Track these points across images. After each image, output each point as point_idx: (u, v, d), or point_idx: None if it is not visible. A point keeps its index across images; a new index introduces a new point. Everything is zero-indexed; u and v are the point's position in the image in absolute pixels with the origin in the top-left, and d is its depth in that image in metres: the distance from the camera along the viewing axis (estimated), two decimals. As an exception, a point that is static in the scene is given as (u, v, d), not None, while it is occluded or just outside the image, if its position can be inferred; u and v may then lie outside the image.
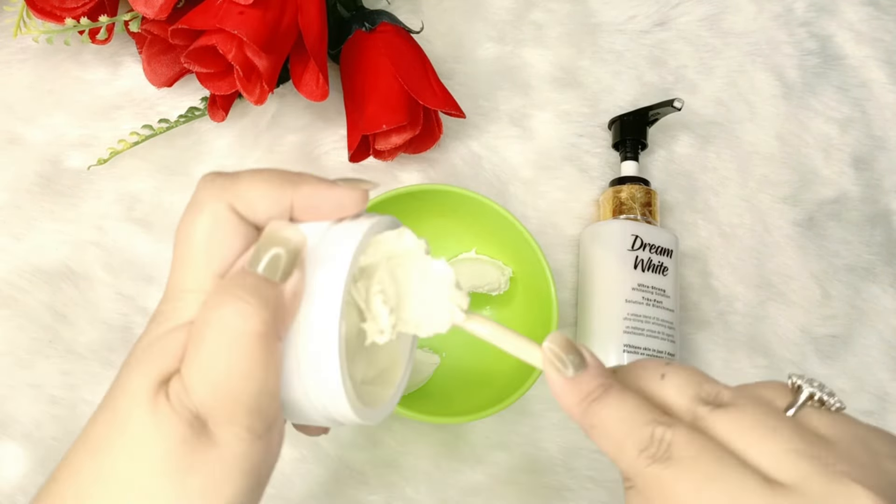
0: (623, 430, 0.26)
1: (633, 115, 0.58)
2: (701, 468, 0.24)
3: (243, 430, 0.25)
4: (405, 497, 0.50)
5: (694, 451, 0.24)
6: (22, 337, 0.49)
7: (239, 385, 0.25)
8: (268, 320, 0.25)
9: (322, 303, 0.26)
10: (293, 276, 0.26)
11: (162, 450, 0.24)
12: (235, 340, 0.25)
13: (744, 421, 0.25)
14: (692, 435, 0.25)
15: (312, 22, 0.48)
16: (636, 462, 0.25)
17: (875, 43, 0.68)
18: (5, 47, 0.55)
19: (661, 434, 0.25)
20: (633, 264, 0.53)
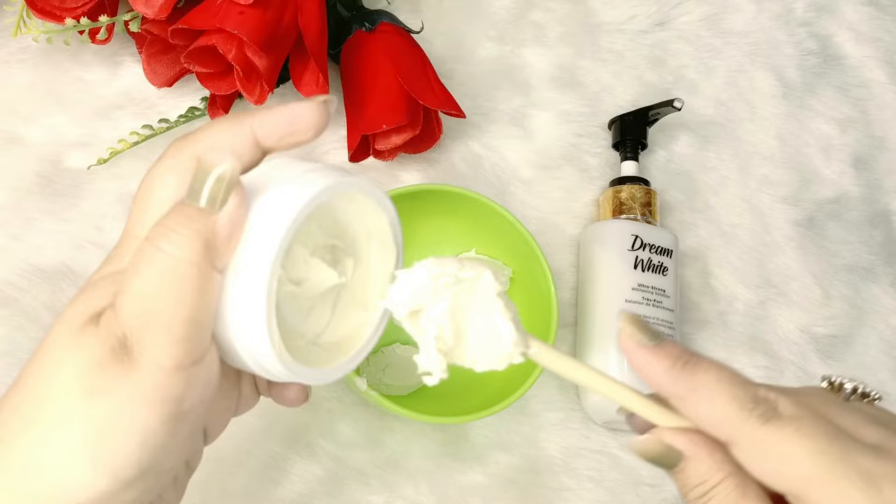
0: (727, 390, 0.26)
1: (633, 115, 0.58)
2: (810, 427, 0.25)
3: (166, 357, 0.25)
4: (405, 497, 0.50)
5: (801, 412, 0.25)
6: (22, 337, 0.49)
7: (167, 310, 0.25)
8: (199, 249, 0.25)
9: (258, 246, 0.26)
10: (228, 205, 0.25)
11: (76, 371, 0.24)
12: (167, 267, 0.25)
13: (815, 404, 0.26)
14: (795, 398, 0.26)
15: (312, 22, 0.48)
16: (745, 421, 0.25)
17: (875, 43, 0.68)
18: (5, 47, 0.55)
19: (765, 394, 0.26)
20: (633, 264, 0.53)
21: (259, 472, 0.49)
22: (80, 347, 0.25)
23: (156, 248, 0.25)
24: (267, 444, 0.49)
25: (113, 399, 0.24)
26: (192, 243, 0.25)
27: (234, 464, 0.49)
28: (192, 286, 0.25)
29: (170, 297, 0.25)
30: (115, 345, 0.25)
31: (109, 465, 0.24)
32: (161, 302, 0.25)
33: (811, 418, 0.25)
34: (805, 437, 0.25)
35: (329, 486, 0.50)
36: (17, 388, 0.26)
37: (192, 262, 0.25)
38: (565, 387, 0.54)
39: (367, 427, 0.51)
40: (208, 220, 0.25)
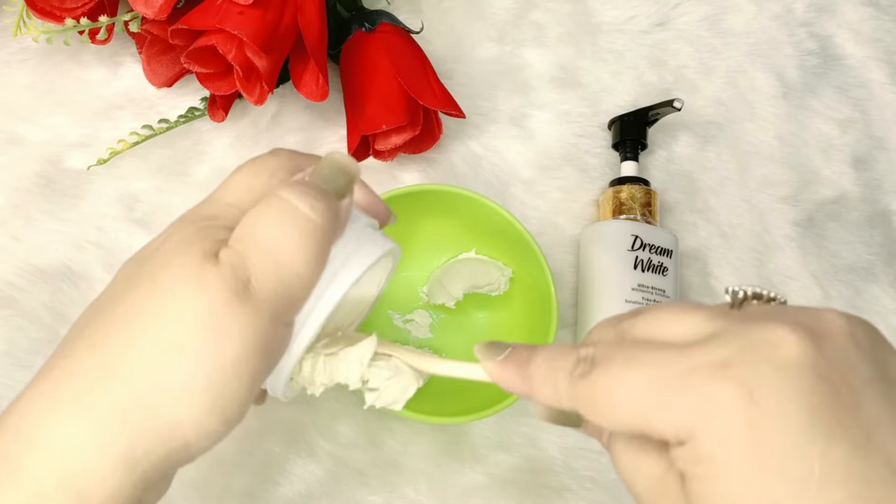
0: (551, 367, 0.26)
1: (633, 115, 0.58)
2: (618, 362, 0.24)
3: (283, 311, 0.26)
4: (405, 497, 0.50)
5: (611, 351, 0.25)
6: (22, 337, 0.49)
7: (293, 268, 0.26)
8: (331, 221, 0.27)
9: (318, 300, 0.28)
10: (347, 198, 0.28)
11: (205, 312, 0.25)
12: (306, 229, 0.26)
13: (662, 313, 0.25)
14: (611, 343, 0.25)
15: (312, 22, 0.48)
16: (569, 390, 0.25)
17: (875, 43, 0.68)
18: (5, 47, 0.55)
19: (585, 352, 0.25)
20: (632, 264, 0.53)
21: (259, 472, 0.49)
22: (207, 287, 0.25)
23: (294, 207, 0.26)
24: (267, 444, 0.49)
25: (238, 343, 0.25)
26: (328, 213, 0.26)
27: (233, 464, 0.49)
28: (318, 252, 0.26)
29: (299, 257, 0.26)
30: (238, 288, 0.25)
31: (225, 409, 0.25)
32: (291, 258, 0.26)
33: (622, 355, 0.24)
34: (612, 376, 0.24)
35: (329, 486, 0.50)
36: (125, 327, 0.25)
37: (323, 229, 0.26)
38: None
39: (366, 427, 0.51)
40: (337, 201, 0.28)
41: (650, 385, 0.23)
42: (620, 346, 0.25)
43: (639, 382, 0.23)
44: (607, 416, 0.24)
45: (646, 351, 0.24)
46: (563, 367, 0.25)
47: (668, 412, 0.22)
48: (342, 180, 0.28)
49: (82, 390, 0.24)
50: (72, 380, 0.25)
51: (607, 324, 0.28)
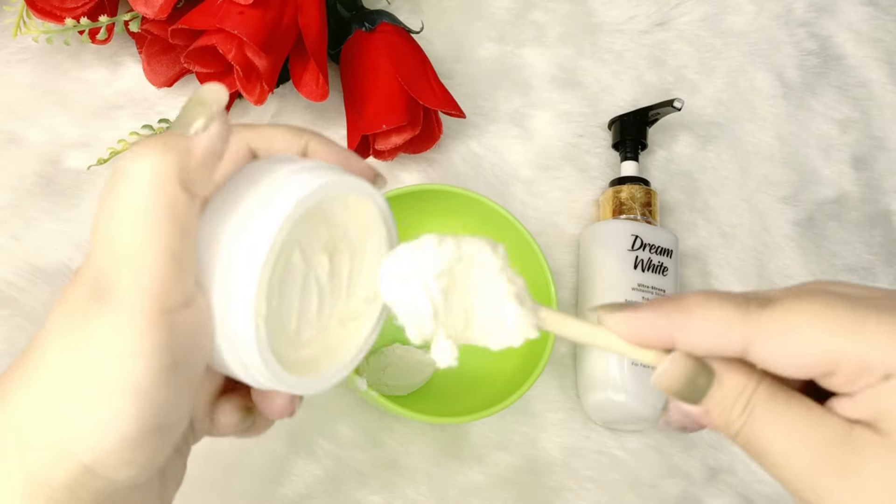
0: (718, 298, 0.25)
1: (633, 115, 0.58)
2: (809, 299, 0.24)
3: (146, 298, 0.22)
4: (405, 497, 0.50)
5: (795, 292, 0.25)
6: (22, 337, 0.49)
7: (137, 242, 0.22)
8: (170, 166, 0.22)
9: (247, 249, 0.24)
10: (209, 130, 0.23)
11: (60, 326, 0.23)
12: (134, 190, 0.22)
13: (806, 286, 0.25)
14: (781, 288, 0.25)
15: (312, 22, 0.48)
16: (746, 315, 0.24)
17: (875, 43, 0.68)
18: (5, 47, 0.55)
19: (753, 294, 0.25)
20: (633, 264, 0.53)
21: (259, 472, 0.49)
22: (62, 301, 0.23)
23: (121, 172, 0.22)
24: (267, 444, 0.49)
25: (99, 352, 0.22)
26: (161, 160, 0.22)
27: (233, 464, 0.49)
28: (164, 212, 0.22)
29: (139, 227, 0.21)
30: (90, 291, 0.22)
31: (110, 424, 0.22)
32: (130, 233, 0.22)
33: (807, 292, 0.24)
34: (807, 302, 0.23)
35: (329, 486, 0.50)
36: (30, 347, 0.24)
37: (162, 183, 0.22)
38: (565, 387, 0.54)
39: (367, 427, 0.51)
40: (182, 139, 0.23)
41: (844, 316, 0.23)
42: (799, 288, 0.24)
43: (831, 311, 0.23)
44: (793, 346, 0.23)
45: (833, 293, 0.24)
46: (732, 299, 0.24)
47: (871, 342, 0.22)
48: (195, 111, 0.23)
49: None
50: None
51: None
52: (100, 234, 0.22)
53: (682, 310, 0.25)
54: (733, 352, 0.25)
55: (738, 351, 0.24)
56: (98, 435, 0.22)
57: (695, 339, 0.25)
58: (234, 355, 0.25)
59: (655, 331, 0.26)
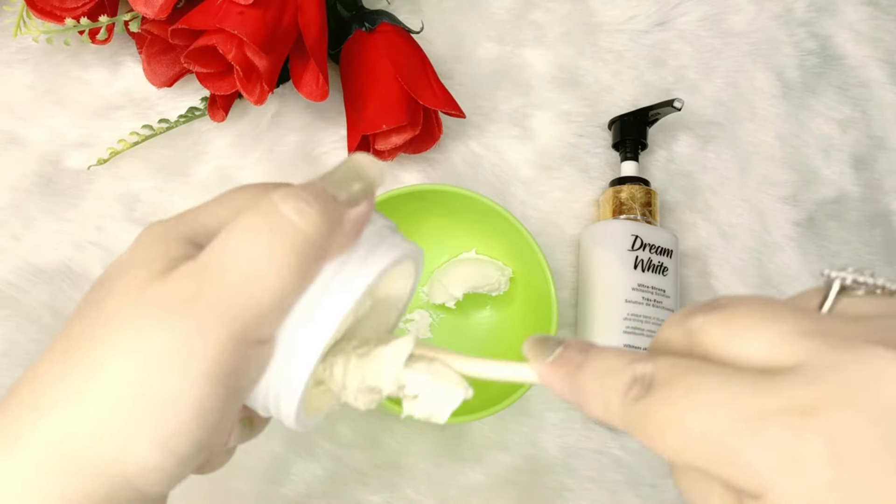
0: (603, 384, 0.22)
1: (633, 115, 0.58)
2: (680, 390, 0.20)
3: (244, 329, 0.22)
4: (405, 497, 0.50)
5: (674, 373, 0.21)
6: (22, 337, 0.49)
7: (262, 280, 0.22)
8: (323, 231, 0.23)
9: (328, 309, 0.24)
10: (360, 206, 0.24)
11: (135, 333, 0.22)
12: (279, 230, 0.22)
13: (737, 318, 0.21)
14: (674, 359, 0.21)
15: (312, 22, 0.48)
16: (622, 411, 0.21)
17: (875, 43, 0.68)
18: (5, 47, 0.55)
19: (642, 370, 0.21)
20: (633, 264, 0.53)
21: (259, 472, 0.49)
22: (142, 305, 0.22)
23: (277, 211, 0.22)
24: (267, 444, 0.49)
25: (175, 366, 0.22)
26: (319, 221, 0.23)
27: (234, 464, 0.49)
28: (300, 265, 0.22)
29: (272, 268, 0.22)
30: (180, 301, 0.22)
31: (169, 441, 0.22)
32: (262, 269, 0.22)
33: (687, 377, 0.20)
34: (673, 404, 0.20)
35: (329, 486, 0.50)
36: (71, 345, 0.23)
37: (311, 240, 0.22)
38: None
39: (366, 427, 0.51)
40: (339, 208, 0.23)
41: (717, 425, 0.19)
42: (684, 369, 0.21)
43: (703, 421, 0.19)
44: (664, 450, 0.21)
45: (714, 377, 0.20)
46: (616, 385, 0.22)
47: (736, 460, 0.19)
48: (356, 185, 0.24)
49: (13, 426, 0.22)
50: (4, 415, 0.23)
51: (678, 319, 0.23)
52: (229, 255, 0.22)
53: (576, 387, 0.24)
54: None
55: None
56: (154, 451, 0.22)
57: (592, 416, 0.25)
58: (273, 397, 0.25)
59: (565, 397, 0.24)
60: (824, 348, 0.19)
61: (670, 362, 0.21)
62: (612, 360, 0.23)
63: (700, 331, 0.21)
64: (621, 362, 0.22)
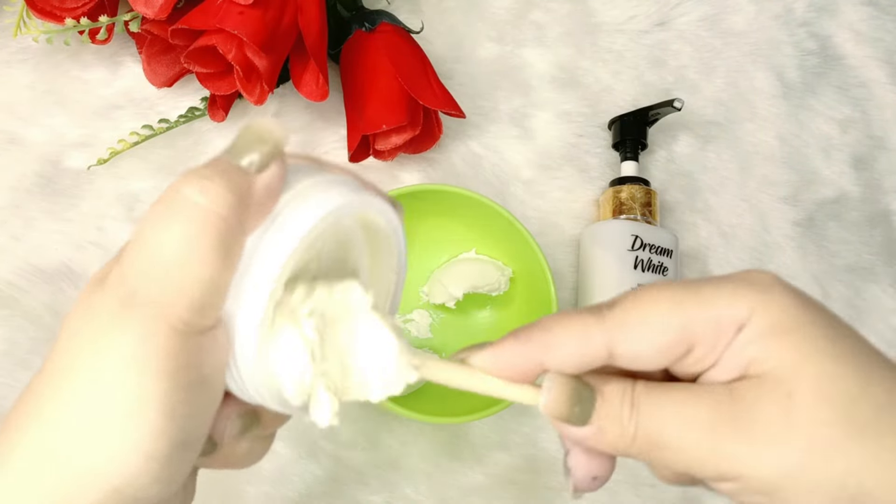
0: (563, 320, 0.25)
1: (633, 115, 0.58)
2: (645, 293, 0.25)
3: (183, 320, 0.22)
4: (405, 497, 0.50)
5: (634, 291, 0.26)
6: (22, 337, 0.49)
7: (185, 267, 0.22)
8: (233, 205, 0.22)
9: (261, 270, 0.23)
10: (269, 169, 0.23)
11: (86, 341, 0.22)
12: (192, 217, 0.22)
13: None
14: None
15: (312, 22, 0.48)
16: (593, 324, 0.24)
17: (875, 43, 0.68)
18: (5, 47, 0.55)
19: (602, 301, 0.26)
20: (633, 264, 0.53)
21: (259, 473, 0.49)
22: (89, 313, 0.23)
23: (180, 195, 0.22)
24: (267, 444, 0.49)
25: (128, 369, 0.22)
26: (225, 194, 0.22)
27: (234, 464, 0.49)
28: (218, 243, 0.22)
29: (191, 253, 0.22)
30: (119, 304, 0.22)
31: (139, 442, 0.22)
32: (180, 257, 0.22)
33: (646, 286, 0.25)
34: (651, 294, 0.24)
35: (329, 486, 0.50)
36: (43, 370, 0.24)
37: (221, 216, 0.22)
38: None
39: (366, 427, 0.51)
40: (246, 178, 0.23)
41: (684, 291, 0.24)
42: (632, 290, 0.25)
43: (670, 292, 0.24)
44: (649, 335, 0.24)
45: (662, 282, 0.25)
46: (586, 310, 0.25)
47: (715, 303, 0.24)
48: (259, 149, 0.23)
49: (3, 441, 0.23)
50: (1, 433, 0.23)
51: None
52: (145, 250, 0.22)
53: (542, 329, 0.25)
54: (600, 359, 0.25)
55: (604, 357, 0.25)
56: (132, 457, 0.22)
57: (562, 356, 0.25)
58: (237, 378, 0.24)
59: (523, 359, 0.25)
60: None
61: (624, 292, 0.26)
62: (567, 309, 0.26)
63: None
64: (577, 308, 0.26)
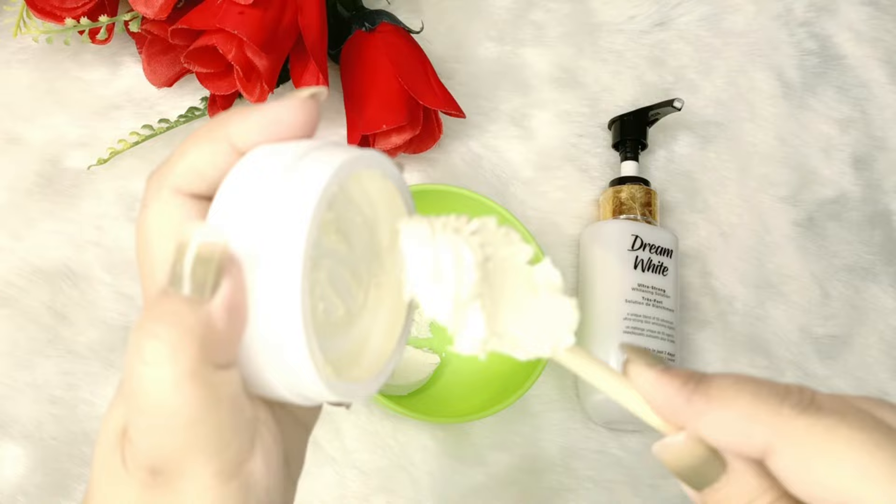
0: (749, 388, 0.22)
1: (633, 115, 0.58)
2: (857, 419, 0.21)
3: (209, 475, 0.22)
4: (405, 497, 0.50)
5: (842, 405, 0.21)
6: (22, 337, 0.49)
7: (183, 436, 0.21)
8: (195, 355, 0.21)
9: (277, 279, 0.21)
10: (222, 288, 0.21)
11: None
12: (162, 391, 0.21)
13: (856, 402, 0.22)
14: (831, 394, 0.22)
15: (312, 22, 0.48)
16: (777, 413, 0.21)
17: (875, 43, 0.68)
18: (5, 47, 0.55)
19: (798, 387, 0.22)
20: (633, 264, 0.53)
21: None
22: (119, 490, 0.22)
23: (144, 365, 0.21)
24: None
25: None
26: (183, 351, 0.20)
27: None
28: (201, 398, 0.21)
29: (180, 423, 0.21)
30: (147, 480, 0.22)
31: None
32: (173, 430, 0.21)
33: (856, 412, 0.21)
34: (854, 429, 0.20)
35: (329, 486, 0.50)
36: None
37: (189, 374, 0.20)
38: (565, 387, 0.54)
39: (367, 427, 0.51)
40: (199, 312, 0.21)
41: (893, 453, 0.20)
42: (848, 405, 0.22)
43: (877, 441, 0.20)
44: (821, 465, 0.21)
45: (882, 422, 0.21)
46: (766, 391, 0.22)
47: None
48: (200, 270, 0.21)
49: None
50: None
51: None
52: (141, 437, 0.22)
53: (706, 397, 0.22)
54: (751, 452, 0.22)
55: (758, 453, 0.22)
56: None
57: (709, 431, 0.23)
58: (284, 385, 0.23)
59: (669, 401, 0.23)
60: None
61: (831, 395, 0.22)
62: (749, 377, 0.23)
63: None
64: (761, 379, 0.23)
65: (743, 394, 0.22)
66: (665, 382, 0.23)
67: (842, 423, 0.21)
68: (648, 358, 0.24)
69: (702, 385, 0.23)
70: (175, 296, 0.21)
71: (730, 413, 0.22)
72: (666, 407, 0.23)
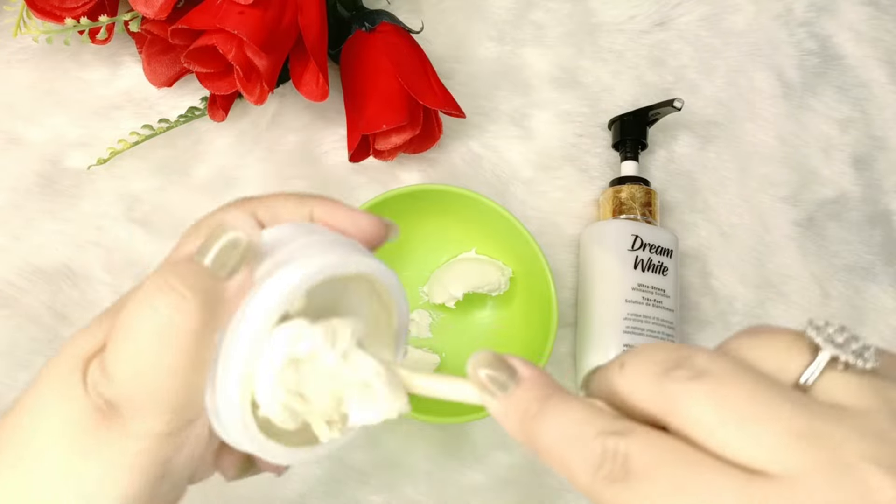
0: (568, 449, 0.21)
1: (633, 115, 0.58)
2: (665, 479, 0.19)
3: (158, 424, 0.24)
4: (405, 497, 0.50)
5: (654, 459, 0.20)
6: (22, 337, 0.49)
7: (163, 381, 0.23)
8: (205, 318, 0.23)
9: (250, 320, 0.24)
10: (239, 275, 0.24)
11: (61, 429, 0.24)
12: (166, 334, 0.23)
13: (725, 398, 0.20)
14: (651, 439, 0.20)
15: (312, 22, 0.48)
16: (593, 487, 0.20)
17: (875, 43, 0.68)
18: (5, 47, 0.55)
19: (614, 446, 0.20)
20: (633, 264, 0.53)
21: (259, 472, 0.49)
22: (67, 403, 0.24)
23: (152, 308, 0.23)
24: (267, 444, 0.49)
25: (97, 463, 0.23)
26: (197, 310, 0.23)
27: (234, 464, 0.49)
28: (191, 355, 0.23)
29: (167, 368, 0.23)
30: (102, 406, 0.24)
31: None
32: (154, 370, 0.23)
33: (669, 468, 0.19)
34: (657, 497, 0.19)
35: (329, 486, 0.50)
36: (2, 427, 0.25)
37: (193, 331, 0.23)
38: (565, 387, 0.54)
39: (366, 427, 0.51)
40: (219, 286, 0.24)
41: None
42: (666, 458, 0.20)
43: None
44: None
45: (701, 478, 0.19)
46: (584, 456, 0.21)
47: None
48: (230, 252, 0.24)
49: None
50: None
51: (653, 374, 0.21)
52: (120, 364, 0.23)
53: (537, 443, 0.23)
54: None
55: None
56: None
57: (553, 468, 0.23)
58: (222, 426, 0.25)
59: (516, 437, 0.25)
60: (819, 463, 0.18)
61: (647, 441, 0.20)
62: (578, 422, 0.21)
63: (680, 401, 0.20)
64: (589, 426, 0.21)
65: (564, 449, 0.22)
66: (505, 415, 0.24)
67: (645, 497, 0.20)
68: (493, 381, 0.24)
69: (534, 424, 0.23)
70: (199, 264, 0.24)
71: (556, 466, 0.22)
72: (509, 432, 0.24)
